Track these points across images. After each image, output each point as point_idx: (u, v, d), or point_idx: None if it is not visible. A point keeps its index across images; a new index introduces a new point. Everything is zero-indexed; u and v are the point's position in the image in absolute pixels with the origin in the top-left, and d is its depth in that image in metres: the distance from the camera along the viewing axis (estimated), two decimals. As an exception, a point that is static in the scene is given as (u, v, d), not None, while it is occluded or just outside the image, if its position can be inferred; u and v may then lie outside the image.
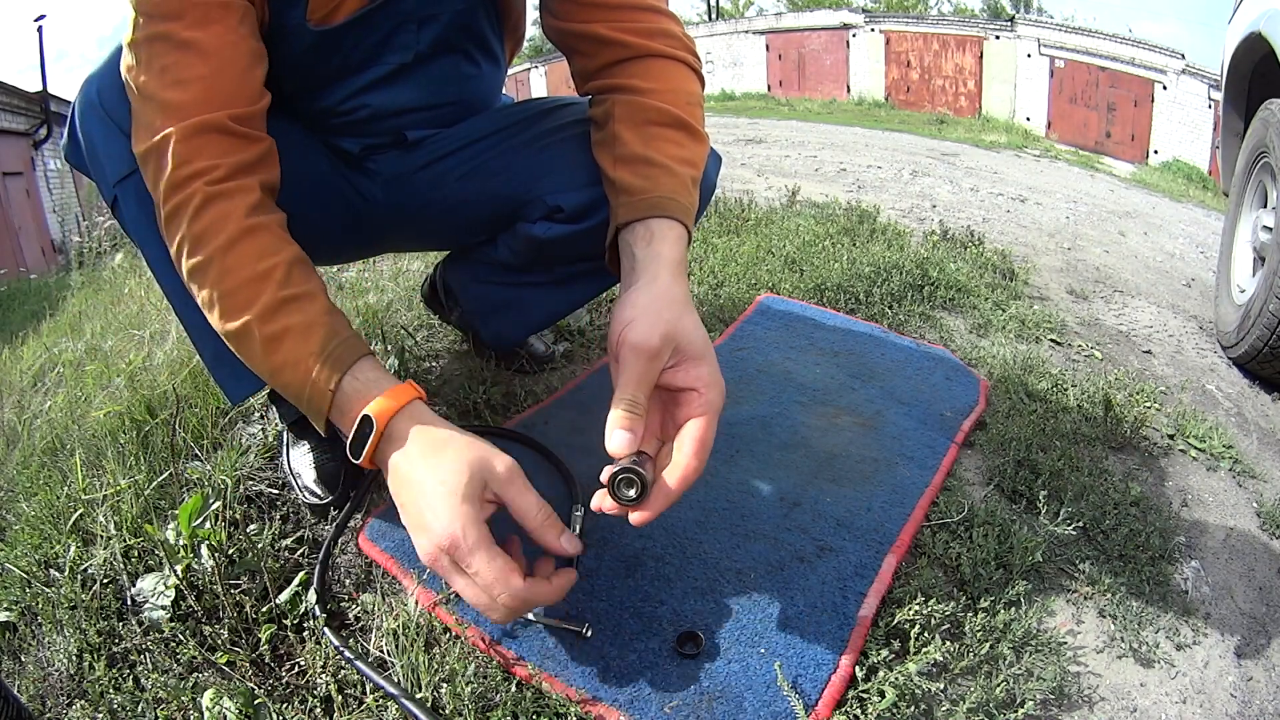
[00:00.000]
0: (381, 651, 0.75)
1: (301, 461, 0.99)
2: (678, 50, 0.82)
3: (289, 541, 0.91)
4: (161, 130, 0.67)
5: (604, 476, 0.63)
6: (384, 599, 0.83)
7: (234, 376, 0.86)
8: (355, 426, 0.64)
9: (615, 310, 0.67)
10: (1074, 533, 0.96)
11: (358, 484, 0.98)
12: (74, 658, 0.77)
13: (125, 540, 0.90)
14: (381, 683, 0.69)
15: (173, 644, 0.78)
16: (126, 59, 0.70)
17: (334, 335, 0.67)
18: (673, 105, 0.78)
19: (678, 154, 0.76)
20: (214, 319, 0.69)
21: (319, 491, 0.95)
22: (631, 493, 0.62)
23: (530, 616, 0.78)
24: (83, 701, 0.73)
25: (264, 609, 0.80)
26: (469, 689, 0.69)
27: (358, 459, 0.64)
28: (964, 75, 12.60)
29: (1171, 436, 1.33)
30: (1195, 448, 1.31)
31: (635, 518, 0.63)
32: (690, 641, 0.75)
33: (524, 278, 1.07)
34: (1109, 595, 0.90)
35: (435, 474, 0.62)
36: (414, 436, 0.64)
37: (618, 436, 0.63)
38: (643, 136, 0.76)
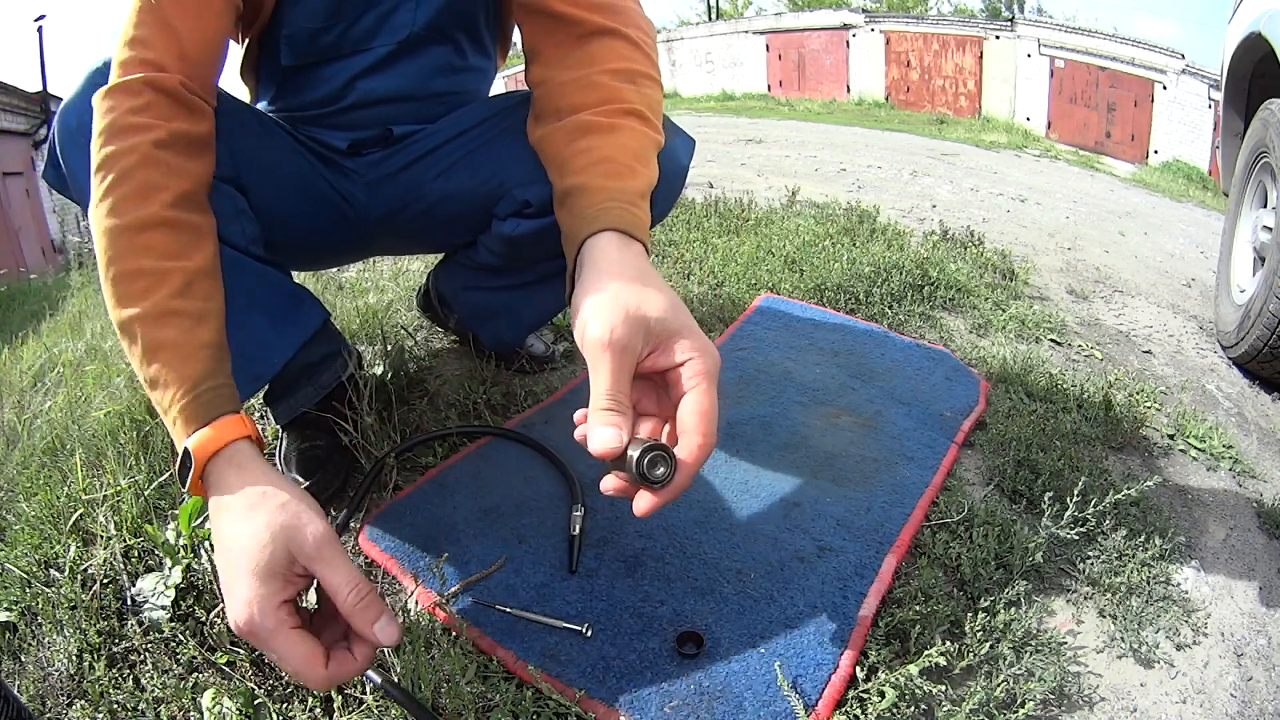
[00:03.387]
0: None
1: (289, 452, 1.00)
2: (617, 24, 0.79)
3: (289, 541, 0.91)
4: (118, 79, 0.67)
5: (628, 449, 0.57)
6: (384, 599, 0.82)
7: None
8: (179, 460, 0.61)
9: (571, 313, 0.62)
10: (1074, 533, 0.96)
11: (349, 481, 0.99)
12: (74, 658, 0.77)
13: (125, 540, 0.90)
14: (381, 683, 0.69)
15: (173, 644, 0.78)
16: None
17: (209, 376, 0.62)
18: (583, 104, 0.75)
19: (588, 162, 0.71)
20: (105, 291, 0.65)
21: (298, 478, 0.96)
22: (661, 471, 0.56)
23: (530, 616, 0.78)
24: (83, 701, 0.73)
25: (264, 609, 0.80)
26: (469, 689, 0.69)
27: (184, 489, 0.61)
28: (964, 75, 12.59)
29: (1171, 436, 1.33)
30: (1195, 448, 1.31)
31: (643, 504, 0.57)
32: (690, 641, 0.75)
33: (509, 279, 1.07)
34: (1109, 595, 0.90)
35: (240, 541, 0.56)
36: (232, 485, 0.58)
37: (601, 435, 0.56)
38: (560, 168, 0.74)
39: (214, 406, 0.61)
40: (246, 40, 0.91)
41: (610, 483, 0.59)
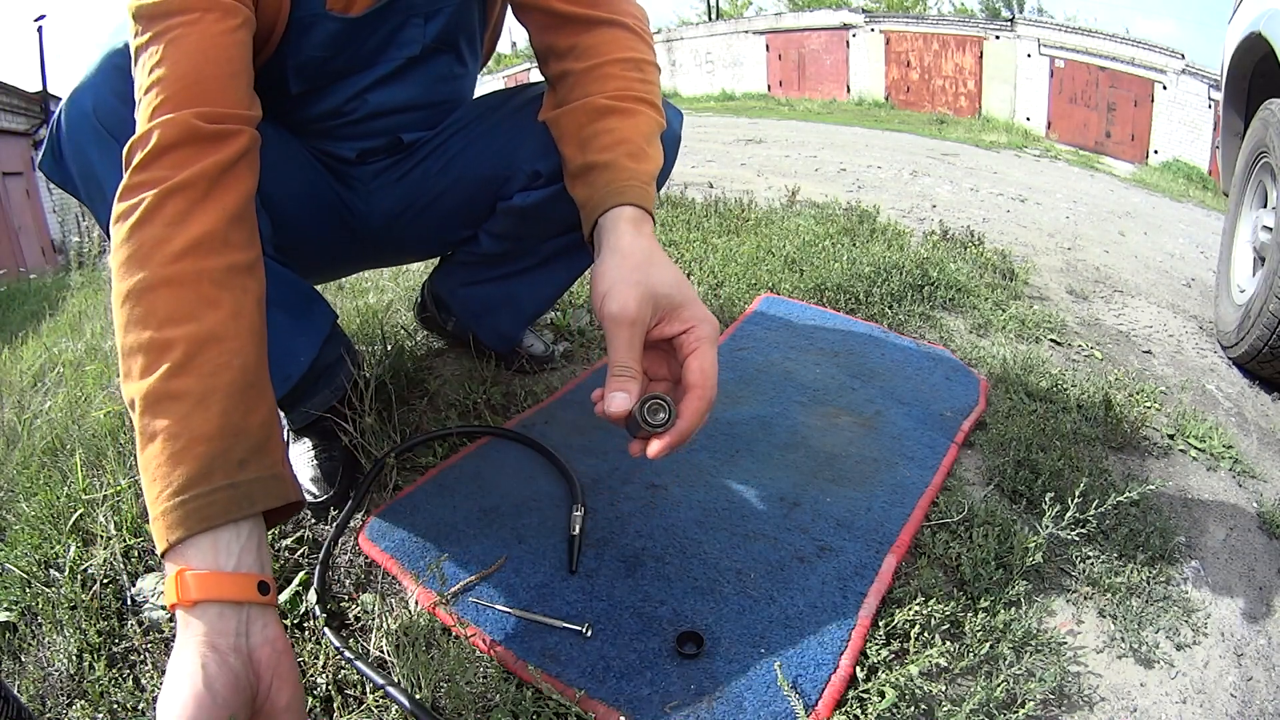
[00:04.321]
0: (381, 651, 0.75)
1: (300, 460, 0.99)
2: (614, 14, 0.84)
3: (289, 541, 0.91)
4: (135, 135, 0.62)
5: (634, 407, 0.64)
6: (384, 599, 0.83)
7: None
8: (165, 581, 0.58)
9: (592, 286, 0.70)
10: (1074, 533, 0.96)
11: (354, 483, 0.99)
12: (74, 658, 0.77)
13: (125, 540, 0.90)
14: (381, 683, 0.69)
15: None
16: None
17: (199, 479, 0.57)
18: (600, 91, 0.81)
19: (611, 141, 0.78)
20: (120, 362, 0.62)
21: (315, 490, 0.95)
22: (661, 416, 0.64)
23: (530, 616, 0.78)
24: (83, 701, 0.73)
25: (264, 609, 0.80)
26: (469, 689, 0.69)
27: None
28: (964, 75, 12.59)
29: (1171, 436, 1.33)
30: (1195, 448, 1.31)
31: (655, 447, 0.64)
32: (690, 641, 0.75)
33: (509, 267, 1.09)
34: (1109, 595, 0.90)
35: (163, 694, 0.55)
36: (179, 643, 0.56)
37: (613, 398, 0.64)
38: (580, 144, 0.80)
39: (197, 519, 0.56)
40: None
41: (633, 446, 0.67)
